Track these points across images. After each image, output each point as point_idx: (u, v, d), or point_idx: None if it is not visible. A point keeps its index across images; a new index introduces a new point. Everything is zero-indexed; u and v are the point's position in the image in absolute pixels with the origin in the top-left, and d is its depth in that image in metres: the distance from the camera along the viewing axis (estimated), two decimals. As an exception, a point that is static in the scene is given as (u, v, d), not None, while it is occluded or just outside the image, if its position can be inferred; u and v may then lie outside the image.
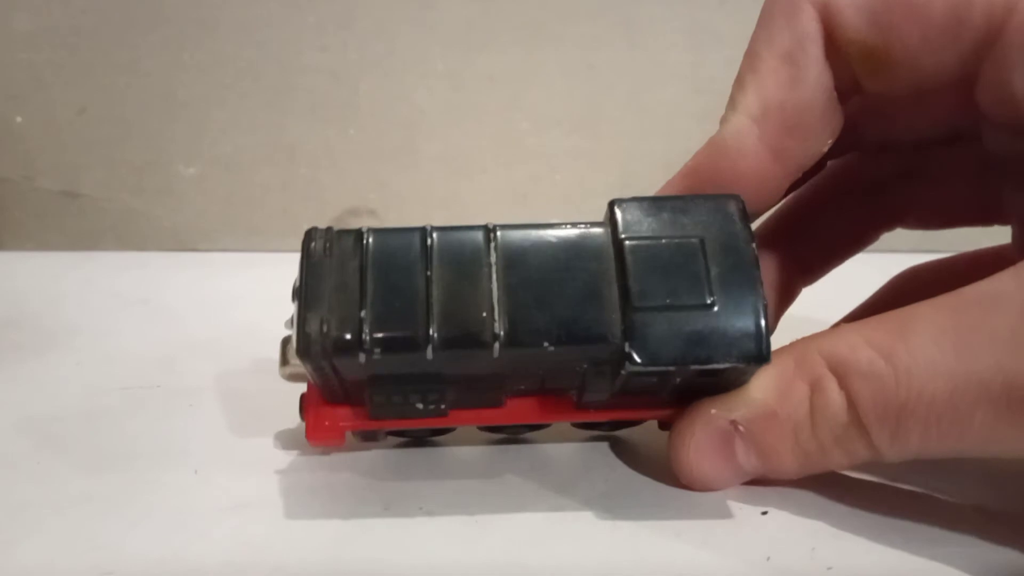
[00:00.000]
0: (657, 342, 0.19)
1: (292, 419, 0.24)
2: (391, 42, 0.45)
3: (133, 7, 0.45)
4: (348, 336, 0.18)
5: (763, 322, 0.19)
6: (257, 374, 0.28)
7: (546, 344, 0.18)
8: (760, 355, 0.19)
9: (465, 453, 0.23)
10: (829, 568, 0.19)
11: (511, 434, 0.24)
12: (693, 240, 0.20)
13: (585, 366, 0.19)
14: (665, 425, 0.22)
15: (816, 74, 0.20)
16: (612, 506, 0.21)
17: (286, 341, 0.21)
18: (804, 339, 0.20)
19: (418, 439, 0.24)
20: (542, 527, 0.20)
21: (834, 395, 0.19)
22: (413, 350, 0.18)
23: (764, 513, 0.21)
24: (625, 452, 0.23)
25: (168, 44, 0.45)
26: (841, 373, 0.19)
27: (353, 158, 0.46)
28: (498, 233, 0.20)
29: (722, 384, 0.20)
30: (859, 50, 0.20)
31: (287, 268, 0.20)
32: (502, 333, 0.18)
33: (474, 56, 0.45)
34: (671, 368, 0.19)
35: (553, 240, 0.20)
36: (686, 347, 0.19)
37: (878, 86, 0.21)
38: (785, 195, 0.23)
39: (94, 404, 0.27)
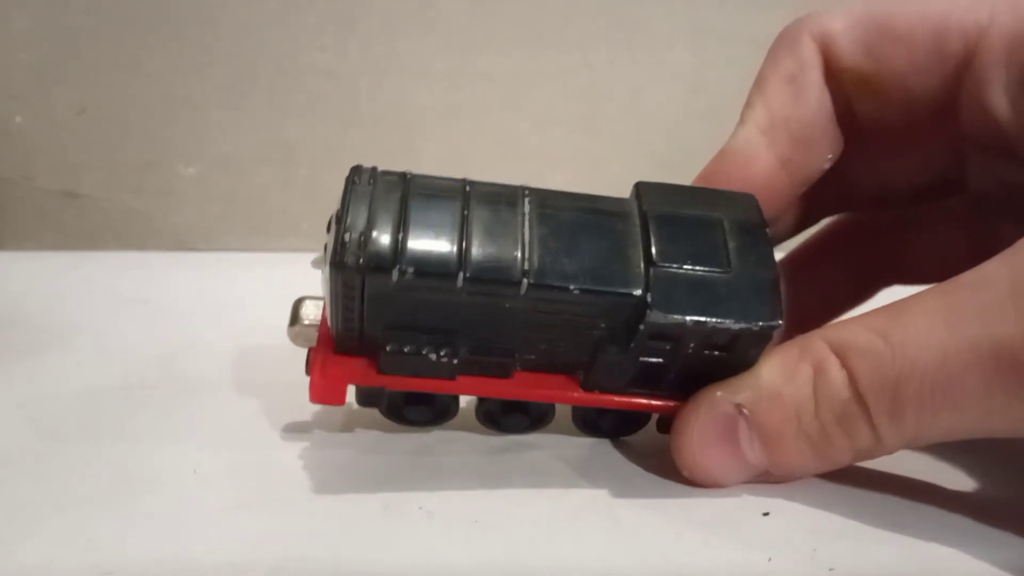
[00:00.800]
0: (677, 296, 0.19)
1: (292, 419, 0.25)
2: (391, 42, 0.45)
3: (133, 7, 0.45)
4: (384, 252, 0.19)
5: (778, 290, 0.20)
6: (257, 374, 0.28)
7: (572, 287, 0.19)
8: (774, 319, 0.19)
9: (465, 454, 0.23)
10: (831, 569, 0.19)
11: (512, 428, 0.24)
12: (714, 216, 0.21)
13: (602, 325, 0.20)
14: (664, 427, 0.22)
15: (817, 93, 0.23)
16: (612, 506, 0.21)
17: (299, 301, 0.22)
18: (808, 332, 0.21)
19: (415, 423, 0.23)
20: (542, 527, 0.20)
21: (836, 373, 0.19)
22: (445, 276, 0.19)
23: (766, 514, 0.21)
24: (625, 452, 0.23)
25: (168, 44, 0.45)
26: (842, 353, 0.19)
27: (353, 158, 0.46)
28: (531, 189, 0.21)
29: (729, 368, 0.20)
30: (853, 76, 0.22)
31: (287, 268, 0.20)
32: (531, 271, 0.19)
33: (474, 56, 0.45)
34: (688, 321, 0.19)
35: (583, 203, 0.21)
36: (704, 304, 0.19)
37: (872, 109, 0.22)
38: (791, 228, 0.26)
39: (94, 404, 0.27)
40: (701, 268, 0.20)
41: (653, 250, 0.20)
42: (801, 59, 0.23)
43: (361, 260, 0.19)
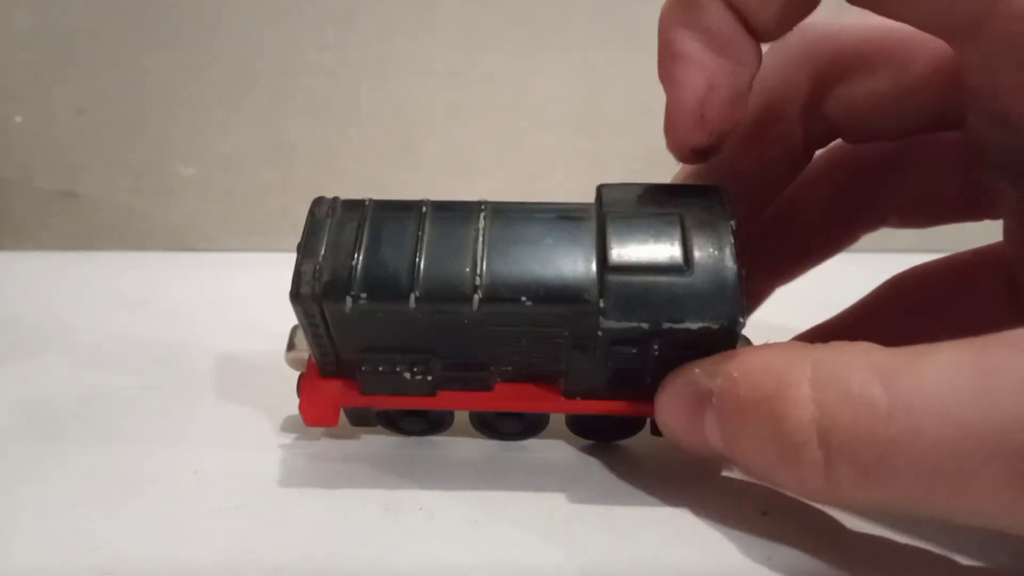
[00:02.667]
0: (631, 300, 0.19)
1: (292, 420, 0.24)
2: (391, 42, 0.45)
3: (133, 7, 0.45)
4: (337, 280, 0.20)
5: (739, 287, 0.19)
6: (257, 374, 0.28)
7: (524, 299, 0.19)
8: (735, 316, 0.19)
9: (464, 454, 0.23)
10: (830, 569, 0.19)
11: (505, 435, 0.24)
12: (672, 214, 0.20)
13: (566, 333, 0.20)
14: (658, 430, 0.22)
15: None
16: (612, 506, 0.21)
17: (295, 328, 0.22)
18: (814, 344, 0.18)
19: (411, 434, 0.24)
20: (542, 527, 0.20)
21: (804, 407, 0.16)
22: (396, 299, 0.19)
23: (765, 514, 0.21)
24: (625, 453, 0.23)
25: (168, 44, 0.45)
26: (822, 386, 0.16)
27: (353, 158, 0.46)
28: (489, 203, 0.21)
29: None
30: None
31: (287, 268, 0.20)
32: (481, 286, 0.19)
33: (474, 56, 0.45)
34: (644, 325, 0.19)
35: (541, 213, 0.21)
36: (660, 306, 0.19)
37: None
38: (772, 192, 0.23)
39: (93, 404, 0.27)
40: (658, 270, 0.19)
41: (608, 255, 0.19)
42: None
43: (315, 289, 0.20)
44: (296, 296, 0.20)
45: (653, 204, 0.21)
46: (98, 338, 0.33)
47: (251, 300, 0.28)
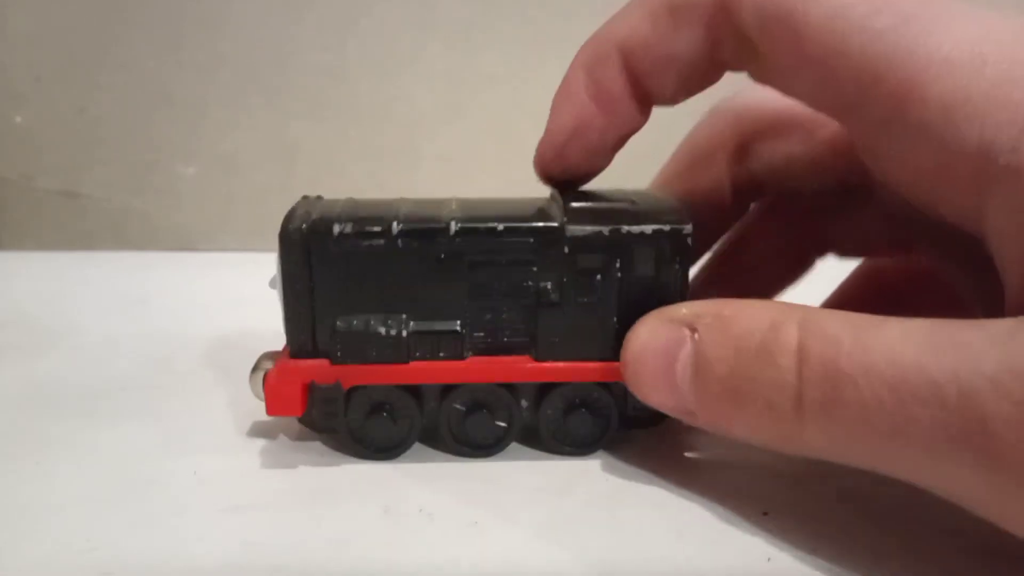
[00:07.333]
0: (591, 214, 0.22)
1: (292, 420, 0.24)
2: (391, 42, 0.45)
3: (132, 7, 0.45)
4: (325, 220, 0.22)
5: (685, 209, 0.22)
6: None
7: (498, 226, 0.22)
8: (682, 221, 0.22)
9: (465, 455, 0.23)
10: (830, 569, 0.19)
11: (475, 445, 0.23)
12: (627, 196, 0.23)
13: (535, 269, 0.22)
14: (629, 424, 0.23)
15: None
16: (612, 506, 0.21)
17: (262, 356, 0.23)
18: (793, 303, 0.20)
19: (375, 451, 0.23)
20: (542, 527, 0.20)
21: (789, 339, 0.18)
22: (381, 229, 0.21)
23: (765, 513, 0.21)
24: (625, 453, 0.23)
25: (168, 44, 0.45)
26: (804, 329, 0.18)
27: (353, 158, 0.47)
28: (458, 198, 0.24)
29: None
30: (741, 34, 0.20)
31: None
32: (458, 219, 0.22)
33: (474, 56, 0.45)
34: (604, 230, 0.21)
35: (507, 197, 0.24)
36: (617, 217, 0.22)
37: (753, 75, 0.21)
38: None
39: (93, 404, 0.27)
40: (612, 205, 0.22)
41: (568, 204, 0.22)
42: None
43: (304, 227, 0.22)
44: (285, 235, 0.22)
45: (610, 192, 0.23)
46: (98, 338, 0.33)
47: (251, 300, 0.28)
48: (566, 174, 0.23)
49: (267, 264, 0.23)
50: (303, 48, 0.45)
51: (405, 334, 0.22)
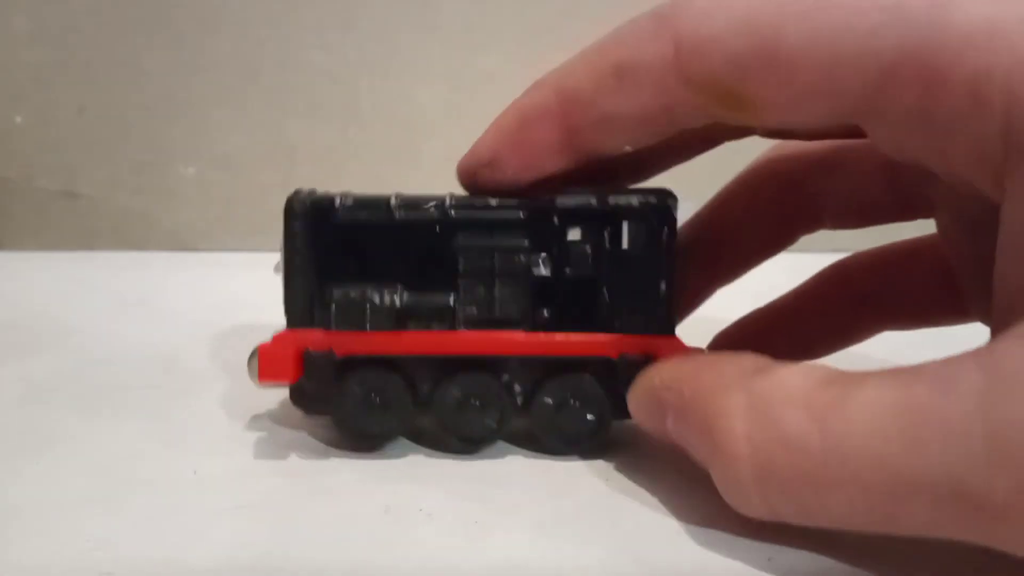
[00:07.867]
0: (580, 195, 0.23)
1: (293, 420, 0.25)
2: (391, 42, 0.45)
3: (133, 7, 0.45)
4: (327, 197, 0.23)
5: (671, 193, 0.23)
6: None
7: (492, 201, 0.23)
8: (667, 193, 0.22)
9: (464, 454, 0.23)
10: (831, 569, 0.19)
11: (467, 437, 0.23)
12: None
13: (526, 244, 0.22)
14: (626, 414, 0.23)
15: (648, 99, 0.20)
16: (612, 506, 0.21)
17: (259, 346, 0.23)
18: (764, 359, 0.20)
19: (367, 438, 0.23)
20: (542, 527, 0.20)
21: (739, 443, 0.18)
22: (380, 202, 0.23)
23: (765, 513, 0.21)
24: (625, 453, 0.23)
25: (168, 44, 0.45)
26: (757, 422, 0.18)
27: (353, 158, 0.47)
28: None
29: (651, 292, 0.22)
30: (716, 89, 0.19)
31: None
32: (453, 198, 0.23)
33: (474, 56, 0.45)
34: (593, 201, 0.22)
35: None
36: (605, 192, 0.22)
37: (744, 122, 0.20)
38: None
39: (93, 404, 0.27)
40: (600, 192, 0.23)
41: (556, 199, 0.23)
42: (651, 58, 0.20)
43: (308, 201, 0.23)
44: (289, 208, 0.23)
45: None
46: (98, 338, 0.33)
47: (251, 300, 0.28)
48: (474, 190, 0.23)
49: (267, 264, 0.23)
50: (303, 48, 0.45)
51: (399, 304, 0.22)
